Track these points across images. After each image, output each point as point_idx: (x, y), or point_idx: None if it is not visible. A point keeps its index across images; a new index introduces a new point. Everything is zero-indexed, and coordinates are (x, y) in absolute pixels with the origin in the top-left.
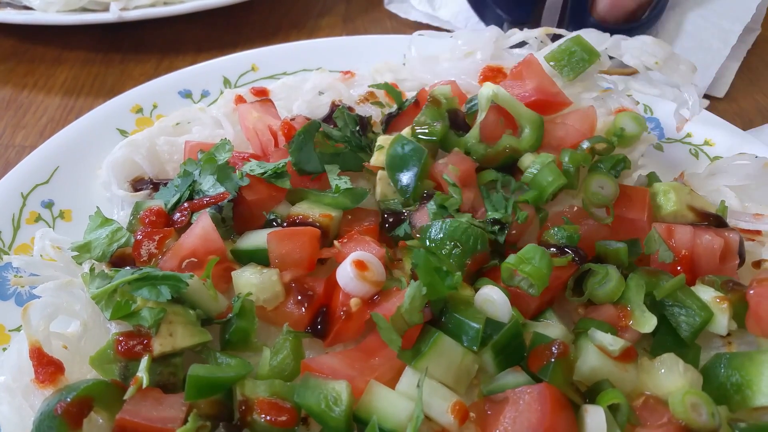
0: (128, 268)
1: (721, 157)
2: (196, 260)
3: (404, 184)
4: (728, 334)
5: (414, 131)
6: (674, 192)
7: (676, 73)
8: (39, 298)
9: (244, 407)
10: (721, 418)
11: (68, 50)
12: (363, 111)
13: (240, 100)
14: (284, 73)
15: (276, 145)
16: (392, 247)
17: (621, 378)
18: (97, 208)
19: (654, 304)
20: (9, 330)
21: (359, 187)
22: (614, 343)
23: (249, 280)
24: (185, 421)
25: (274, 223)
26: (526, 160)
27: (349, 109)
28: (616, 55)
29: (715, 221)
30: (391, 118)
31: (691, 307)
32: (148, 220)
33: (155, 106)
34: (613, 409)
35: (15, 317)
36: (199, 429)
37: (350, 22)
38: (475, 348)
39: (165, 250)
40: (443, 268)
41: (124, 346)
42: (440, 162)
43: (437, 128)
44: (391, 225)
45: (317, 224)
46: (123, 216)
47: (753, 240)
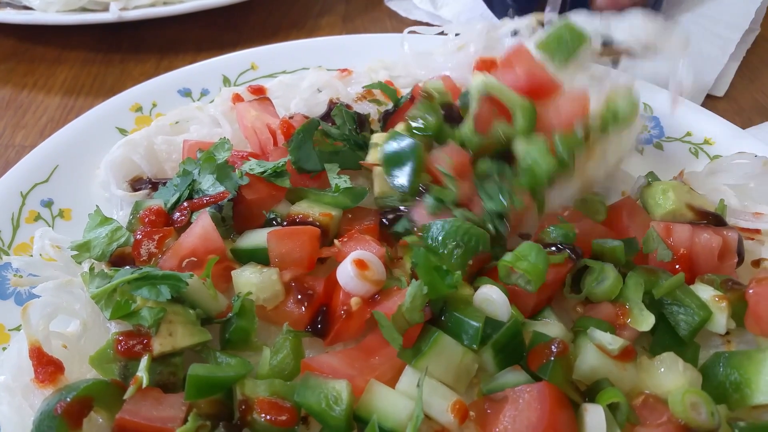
0: (128, 267)
1: (721, 156)
2: (195, 259)
3: (401, 178)
4: (727, 333)
5: (408, 126)
6: (673, 191)
7: (669, 45)
8: (38, 297)
9: (244, 407)
10: (720, 416)
11: (68, 50)
12: (361, 108)
13: (237, 98)
14: (284, 72)
15: (275, 144)
16: (392, 245)
17: (620, 377)
18: (97, 207)
19: (653, 303)
20: (9, 329)
21: (359, 186)
22: (613, 342)
23: (249, 279)
24: (185, 421)
25: (274, 222)
26: (519, 145)
27: (346, 106)
28: (606, 34)
29: (714, 220)
30: (388, 115)
31: (689, 306)
32: (147, 219)
33: (155, 105)
34: (612, 408)
35: (15, 316)
36: (199, 428)
37: (350, 21)
38: (475, 347)
39: (165, 249)
40: (443, 267)
41: (123, 346)
42: (437, 154)
43: (431, 121)
44: (390, 221)
45: (317, 223)
46: (122, 215)
47: (752, 239)
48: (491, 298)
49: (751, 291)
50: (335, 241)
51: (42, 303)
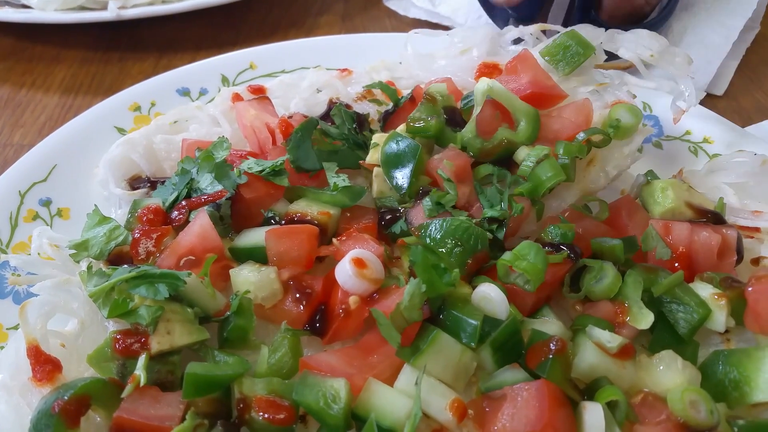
0: (126, 266)
1: (720, 155)
2: (194, 258)
3: (400, 180)
4: (726, 331)
5: (409, 127)
6: (672, 189)
7: (672, 66)
8: (36, 296)
9: (242, 405)
10: (719, 414)
11: (66, 49)
12: (361, 108)
13: (237, 98)
14: (282, 71)
15: (274, 143)
16: (390, 244)
17: (619, 375)
18: (95, 206)
19: (652, 301)
20: (6, 328)
21: (357, 185)
22: (612, 340)
23: (247, 278)
24: (183, 420)
25: (272, 220)
26: (522, 153)
27: (346, 106)
28: (611, 48)
29: (713, 218)
30: (388, 115)
31: (689, 304)
32: (145, 218)
33: (153, 104)
34: (611, 406)
35: (12, 315)
36: (196, 427)
37: (349, 20)
38: (473, 345)
39: (163, 248)
40: (441, 265)
41: (121, 344)
42: (436, 158)
43: (432, 123)
44: (387, 222)
45: (315, 222)
46: (121, 214)
47: (752, 237)
48: (489, 296)
49: (750, 289)
50: (334, 240)
51: (40, 302)
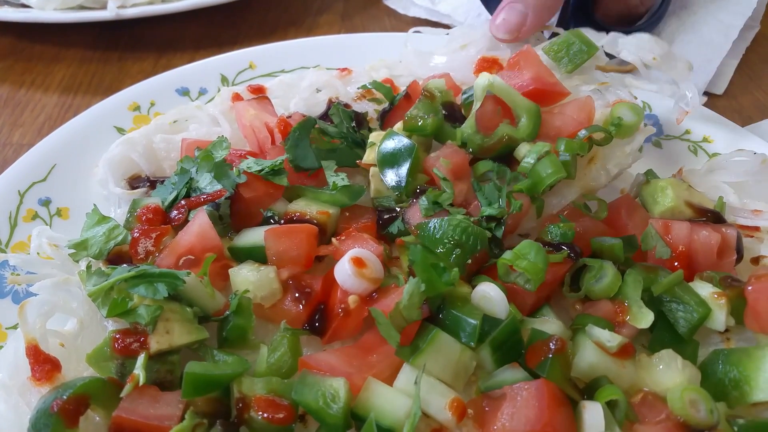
0: (125, 265)
1: (720, 154)
2: (193, 258)
3: (396, 180)
4: (726, 330)
5: (406, 125)
6: (672, 188)
7: (674, 70)
8: (36, 295)
9: (241, 405)
10: (719, 414)
11: (66, 48)
12: (360, 108)
13: (237, 97)
14: (282, 71)
15: (273, 143)
16: (390, 244)
17: (619, 374)
18: (94, 206)
19: (651, 300)
20: (6, 328)
21: (356, 184)
22: (612, 339)
23: (246, 277)
24: (182, 419)
25: (272, 220)
26: (523, 149)
27: (345, 105)
28: (613, 51)
29: (713, 217)
30: (385, 114)
31: (688, 303)
32: (145, 217)
33: (153, 104)
34: (611, 406)
35: (12, 315)
36: (196, 427)
37: (348, 19)
38: (473, 344)
39: (162, 247)
40: (440, 264)
41: (120, 344)
42: (432, 156)
43: (429, 121)
44: (384, 222)
45: (315, 221)
46: (120, 214)
47: (752, 236)
48: (489, 295)
49: (750, 288)
50: (333, 239)
51: (39, 301)
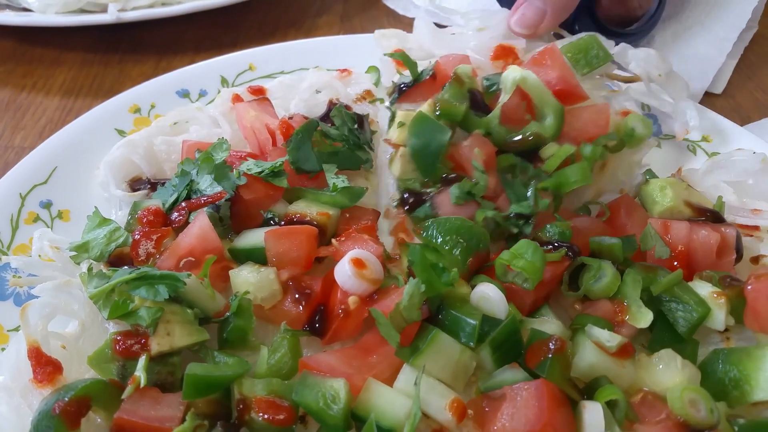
0: (126, 267)
1: (719, 153)
2: (193, 259)
3: (426, 164)
4: (726, 330)
5: (442, 108)
6: (671, 188)
7: (673, 89)
8: (37, 298)
9: (242, 406)
10: (719, 413)
11: (67, 51)
12: (360, 109)
13: (237, 99)
14: (282, 72)
15: (274, 144)
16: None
17: (619, 374)
18: (95, 208)
19: (651, 300)
20: (7, 330)
21: (357, 186)
22: (611, 339)
23: (246, 278)
24: (183, 420)
25: (272, 221)
26: (550, 149)
27: (346, 107)
28: (622, 62)
29: (712, 217)
30: (404, 88)
31: (688, 303)
32: (145, 219)
33: (153, 106)
34: (611, 405)
35: (13, 317)
36: (196, 428)
37: (348, 20)
38: (472, 344)
39: (163, 249)
40: (440, 265)
41: (122, 346)
42: (464, 144)
43: (460, 108)
44: (411, 205)
45: (315, 223)
46: (121, 216)
47: (751, 236)
48: (488, 295)
49: (749, 287)
50: (333, 241)
51: (41, 303)
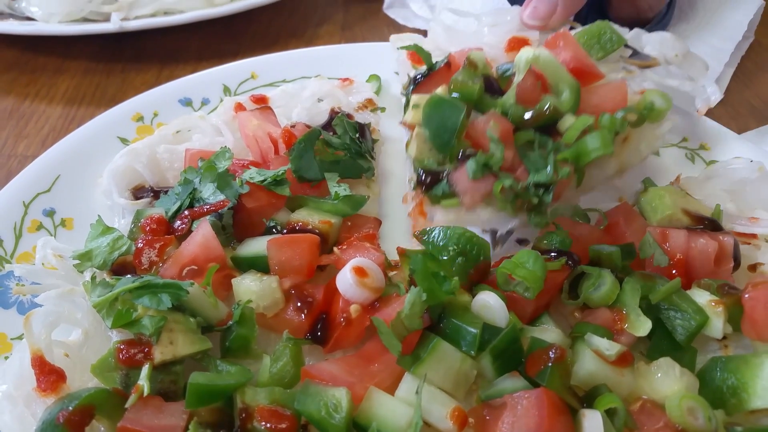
0: (129, 276)
1: (717, 161)
2: (196, 268)
3: (443, 141)
4: (724, 338)
5: (455, 87)
6: (669, 196)
7: (692, 68)
8: (41, 306)
9: (244, 415)
10: (717, 421)
11: (70, 60)
12: (362, 118)
13: (239, 107)
14: (283, 81)
15: (276, 153)
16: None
17: (618, 382)
18: (99, 217)
19: (649, 308)
20: (11, 338)
21: (358, 194)
22: (610, 348)
23: (249, 287)
24: (186, 429)
25: (274, 230)
26: (568, 120)
27: (347, 116)
28: (636, 47)
29: (710, 225)
30: (419, 79)
31: (686, 311)
32: (148, 228)
33: (156, 115)
34: (610, 414)
35: (17, 326)
36: None
37: (348, 30)
38: (473, 353)
39: (165, 257)
40: (441, 273)
41: (125, 355)
42: (480, 119)
43: (475, 86)
44: (428, 184)
45: (317, 231)
46: (124, 224)
47: (749, 243)
48: (489, 304)
49: (747, 296)
50: (335, 249)
51: (44, 312)
